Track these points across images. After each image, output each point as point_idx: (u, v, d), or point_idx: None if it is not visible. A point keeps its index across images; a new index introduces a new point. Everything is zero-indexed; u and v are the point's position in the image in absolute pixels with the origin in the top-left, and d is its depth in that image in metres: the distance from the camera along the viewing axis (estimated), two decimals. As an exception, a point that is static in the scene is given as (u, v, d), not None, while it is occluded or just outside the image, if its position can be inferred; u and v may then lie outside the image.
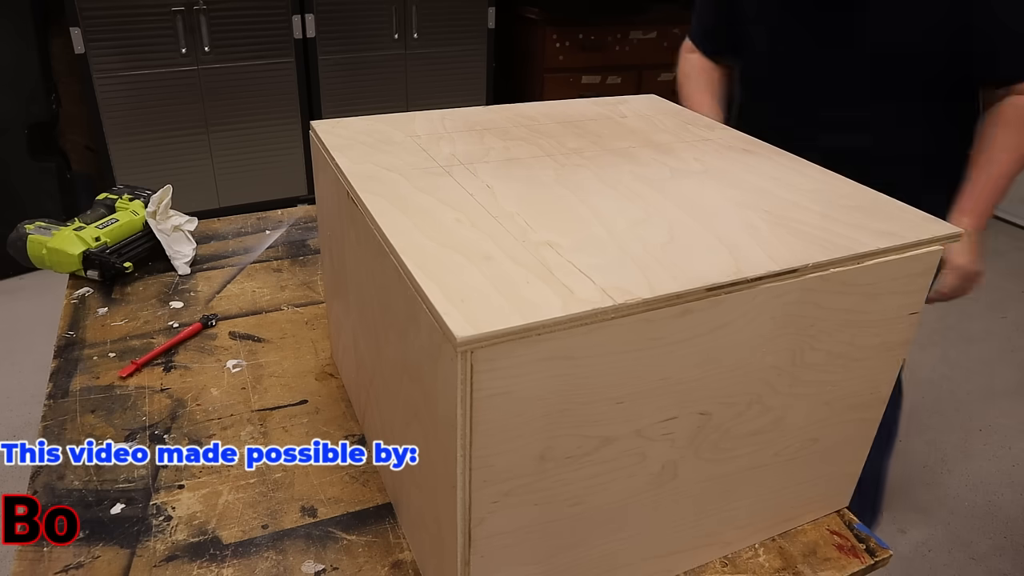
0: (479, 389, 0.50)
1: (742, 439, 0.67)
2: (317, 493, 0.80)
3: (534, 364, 0.51)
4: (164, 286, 1.18)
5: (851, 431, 0.76)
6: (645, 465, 0.62)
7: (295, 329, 1.08)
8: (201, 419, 0.89)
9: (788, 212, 0.69)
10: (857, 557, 0.76)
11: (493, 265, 0.56)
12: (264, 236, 1.34)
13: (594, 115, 0.97)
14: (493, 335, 0.48)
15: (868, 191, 0.75)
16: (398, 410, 0.68)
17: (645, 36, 3.30)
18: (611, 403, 0.56)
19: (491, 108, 0.97)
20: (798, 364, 0.65)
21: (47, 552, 0.71)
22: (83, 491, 0.78)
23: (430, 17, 3.00)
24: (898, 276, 0.66)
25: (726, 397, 0.63)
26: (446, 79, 3.15)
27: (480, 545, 0.57)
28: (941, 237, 0.66)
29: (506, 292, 0.52)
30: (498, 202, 0.68)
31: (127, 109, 2.69)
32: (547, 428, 0.54)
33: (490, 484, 0.55)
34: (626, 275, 0.56)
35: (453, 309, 0.50)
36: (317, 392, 0.95)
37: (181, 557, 0.71)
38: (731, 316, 0.58)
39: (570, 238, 0.61)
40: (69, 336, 1.04)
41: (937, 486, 1.92)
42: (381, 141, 0.82)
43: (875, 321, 0.67)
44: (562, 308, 0.51)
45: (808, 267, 0.60)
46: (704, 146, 0.86)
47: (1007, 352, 2.48)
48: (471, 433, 0.51)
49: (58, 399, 0.92)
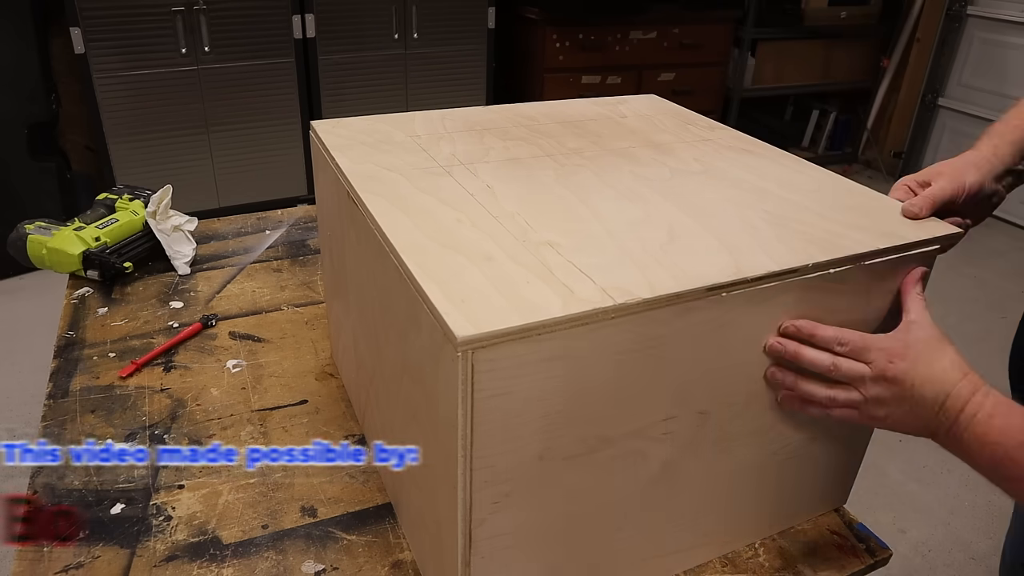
0: (480, 389, 0.50)
1: (741, 438, 0.67)
2: (317, 493, 0.80)
3: (535, 364, 0.51)
4: (164, 286, 1.18)
5: (849, 430, 0.76)
6: (645, 465, 0.62)
7: (295, 329, 1.08)
8: (201, 419, 0.89)
9: (788, 212, 0.69)
10: (857, 557, 0.76)
11: (494, 265, 0.56)
12: (264, 236, 1.34)
13: (594, 115, 0.97)
14: (494, 335, 0.48)
15: (868, 191, 0.75)
16: (398, 410, 0.68)
17: (645, 36, 3.30)
18: (611, 403, 0.57)
19: (491, 108, 0.97)
20: (797, 364, 0.65)
21: (47, 552, 0.71)
22: (83, 491, 0.78)
23: (430, 17, 3.00)
24: (897, 276, 0.66)
25: (725, 396, 0.63)
26: (446, 79, 3.15)
27: (481, 545, 0.57)
28: (941, 237, 0.66)
29: (507, 292, 0.52)
30: (498, 202, 0.68)
31: (127, 109, 2.68)
32: (547, 428, 0.54)
33: (491, 484, 0.55)
34: (626, 275, 0.56)
35: (454, 309, 0.50)
36: (317, 392, 0.95)
37: (181, 557, 0.71)
38: (731, 316, 0.58)
39: (570, 238, 0.61)
40: (69, 336, 1.04)
41: (937, 486, 1.92)
42: (381, 141, 0.82)
43: (874, 321, 0.67)
44: (562, 308, 0.51)
45: (808, 267, 0.60)
46: (704, 146, 0.86)
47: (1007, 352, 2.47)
48: (472, 433, 0.51)
49: (58, 399, 0.92)
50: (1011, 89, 3.46)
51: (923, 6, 3.71)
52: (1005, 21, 3.45)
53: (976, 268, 3.07)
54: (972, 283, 2.96)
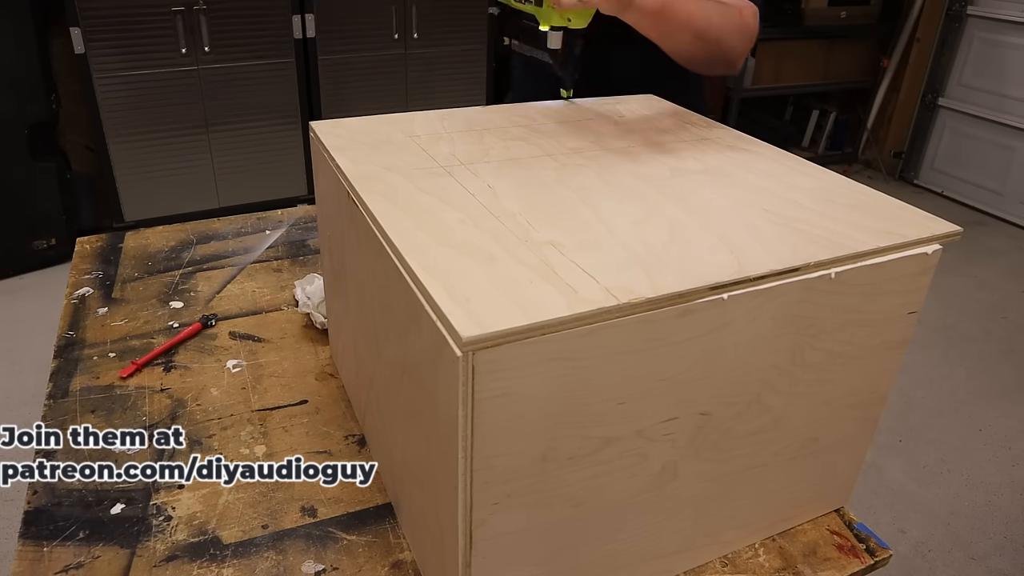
0: (481, 390, 0.50)
1: (742, 439, 0.67)
2: (317, 493, 0.80)
3: (537, 365, 0.51)
4: (164, 286, 1.18)
5: (850, 430, 0.76)
6: (646, 465, 0.62)
7: (295, 329, 1.08)
8: (201, 419, 0.89)
9: (788, 211, 0.69)
10: (857, 557, 0.76)
11: (497, 265, 0.56)
12: (264, 236, 1.34)
13: (594, 115, 0.97)
14: (499, 335, 0.48)
15: (868, 190, 0.75)
16: (398, 410, 0.68)
17: (645, 36, 3.29)
18: (613, 404, 0.57)
19: (491, 108, 0.97)
20: (798, 363, 0.65)
21: (47, 552, 0.71)
22: (83, 491, 0.78)
23: (430, 17, 3.00)
24: (897, 275, 0.66)
25: (726, 397, 0.63)
26: (446, 79, 3.15)
27: (481, 546, 0.57)
28: (940, 236, 0.66)
29: (511, 292, 0.52)
30: (500, 202, 0.68)
31: (127, 109, 2.69)
32: (549, 429, 0.54)
33: (491, 485, 0.55)
34: (629, 274, 0.56)
35: (459, 309, 0.50)
36: (317, 392, 0.95)
37: (181, 557, 0.71)
38: (732, 315, 0.58)
39: (573, 238, 0.61)
40: (69, 336, 1.04)
41: (937, 486, 1.92)
42: (381, 141, 0.82)
43: (874, 320, 0.68)
44: (567, 307, 0.51)
45: (809, 266, 0.60)
46: (703, 145, 0.86)
47: (1007, 352, 2.48)
48: (472, 434, 0.51)
49: (58, 399, 0.92)
50: (1011, 89, 3.46)
51: (923, 6, 3.71)
52: (1005, 21, 3.45)
53: (976, 268, 3.07)
54: (972, 283, 2.96)
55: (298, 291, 1.09)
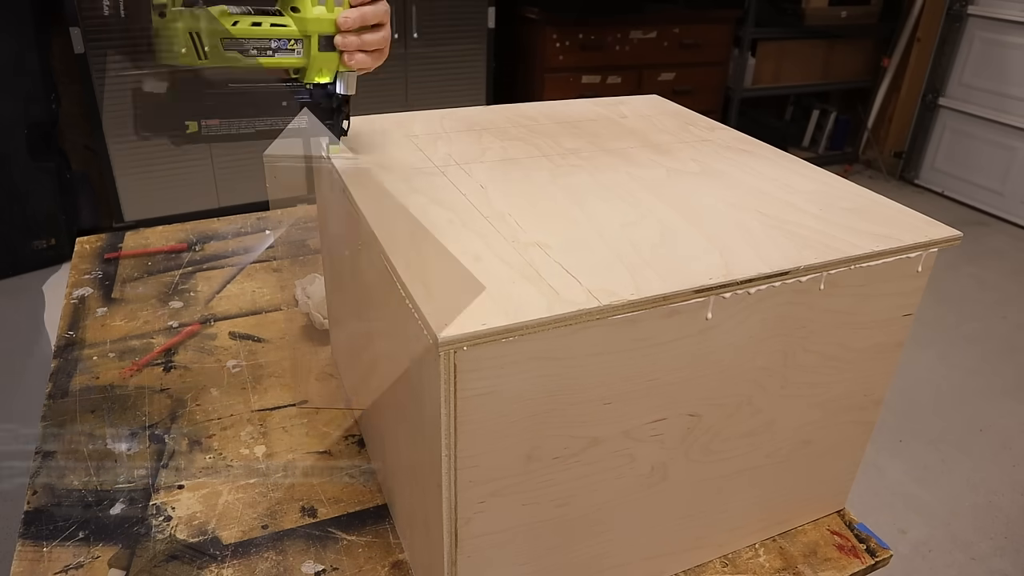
0: (463, 389, 0.50)
1: (733, 441, 0.67)
2: (317, 493, 0.80)
3: (519, 364, 0.51)
4: (164, 286, 1.18)
5: (845, 433, 0.76)
6: (634, 466, 0.62)
7: (295, 329, 1.08)
8: (201, 419, 0.89)
9: (783, 214, 0.69)
10: (857, 557, 0.76)
11: (481, 265, 0.56)
12: (264, 236, 1.34)
13: (594, 115, 0.97)
14: (476, 335, 0.48)
15: (866, 192, 0.75)
16: (390, 409, 0.68)
17: (645, 36, 3.29)
18: (598, 404, 0.57)
19: (490, 108, 0.98)
20: (790, 366, 0.65)
21: (47, 552, 0.72)
22: (83, 491, 0.79)
23: (430, 17, 3.00)
24: (891, 278, 0.66)
25: (716, 399, 0.63)
26: (446, 79, 3.15)
27: (467, 545, 0.57)
28: (937, 240, 0.66)
29: (492, 292, 0.52)
30: (491, 202, 0.68)
31: (127, 109, 2.69)
32: (534, 428, 0.55)
33: (476, 484, 0.55)
34: (613, 276, 0.56)
35: (437, 309, 0.50)
36: (317, 392, 0.95)
37: (181, 557, 0.72)
38: (720, 318, 0.58)
39: (560, 239, 0.61)
40: (69, 336, 1.04)
41: (937, 486, 1.92)
42: (379, 141, 0.82)
43: (868, 323, 0.67)
44: (547, 309, 0.51)
45: (799, 270, 0.59)
46: (703, 147, 0.86)
47: (1007, 352, 2.48)
48: (456, 433, 0.51)
49: (58, 399, 0.92)
50: (1011, 89, 3.46)
51: (923, 6, 3.71)
52: (1005, 21, 3.44)
53: (976, 268, 3.07)
54: (972, 283, 2.96)
55: (298, 291, 1.09)
